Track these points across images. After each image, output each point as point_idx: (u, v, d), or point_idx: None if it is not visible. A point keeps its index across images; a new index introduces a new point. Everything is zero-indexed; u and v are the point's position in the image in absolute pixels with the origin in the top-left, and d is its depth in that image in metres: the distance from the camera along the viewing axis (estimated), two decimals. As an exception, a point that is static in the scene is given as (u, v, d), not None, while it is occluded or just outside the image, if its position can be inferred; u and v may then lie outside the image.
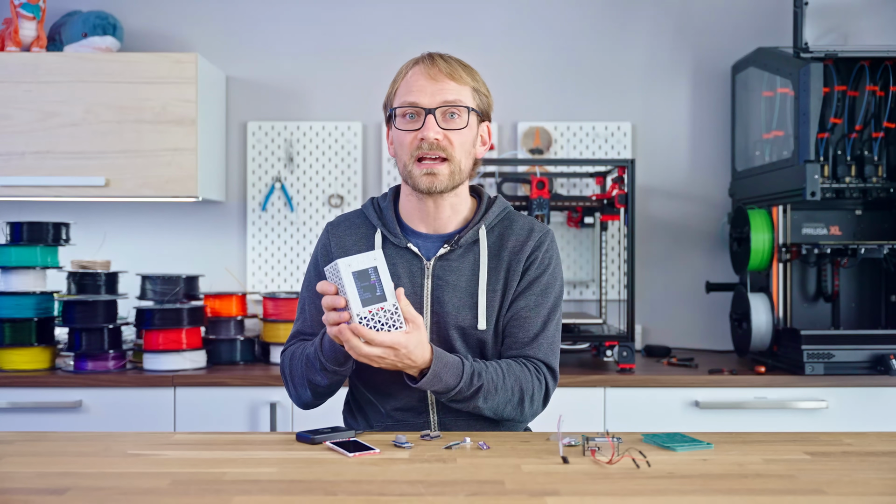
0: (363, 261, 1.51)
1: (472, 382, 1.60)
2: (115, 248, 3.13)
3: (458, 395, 1.61)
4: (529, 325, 1.71)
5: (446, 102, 1.66)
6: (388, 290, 1.51)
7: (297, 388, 1.72)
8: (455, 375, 1.59)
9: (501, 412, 1.66)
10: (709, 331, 3.20)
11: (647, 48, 3.24)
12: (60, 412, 2.56)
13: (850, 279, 2.81)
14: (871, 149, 2.75)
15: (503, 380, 1.64)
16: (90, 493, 1.26)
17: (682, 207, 3.23)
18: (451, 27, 3.22)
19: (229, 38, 3.22)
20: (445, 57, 1.71)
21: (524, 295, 1.72)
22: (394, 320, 1.52)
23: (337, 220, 1.83)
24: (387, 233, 1.74)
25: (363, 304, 1.49)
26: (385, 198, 1.79)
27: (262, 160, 3.20)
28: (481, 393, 1.62)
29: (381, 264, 1.52)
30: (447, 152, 1.67)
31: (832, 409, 2.55)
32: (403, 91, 1.69)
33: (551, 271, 1.74)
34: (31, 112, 2.82)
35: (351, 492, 1.25)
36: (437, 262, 1.71)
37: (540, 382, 1.69)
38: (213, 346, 2.80)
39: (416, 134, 1.66)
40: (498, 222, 1.77)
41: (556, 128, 3.20)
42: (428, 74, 1.67)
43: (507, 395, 1.65)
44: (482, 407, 1.63)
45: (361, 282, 1.50)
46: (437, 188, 1.67)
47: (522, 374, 1.67)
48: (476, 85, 1.71)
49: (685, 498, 1.23)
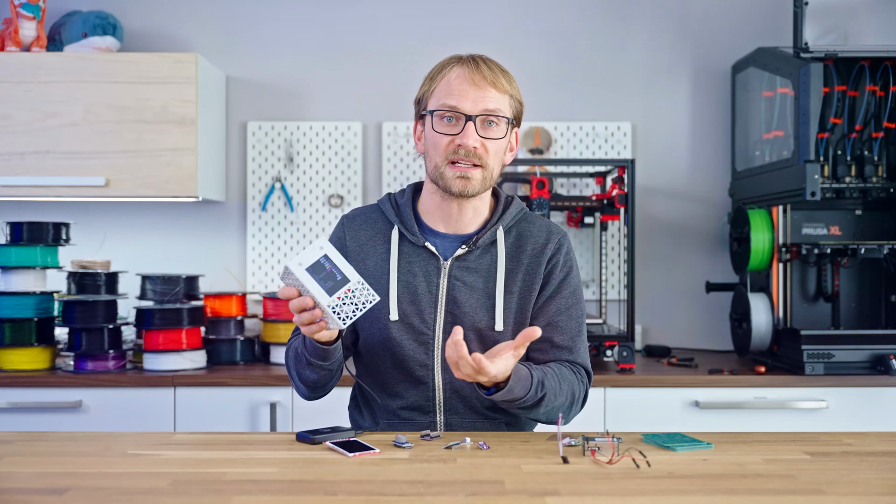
0: (311, 254, 1.49)
1: (537, 393, 1.60)
2: (115, 248, 3.14)
3: (522, 405, 1.60)
4: (566, 330, 1.72)
5: (488, 111, 1.64)
6: (347, 270, 1.50)
7: (294, 381, 1.73)
8: (524, 388, 1.58)
9: (553, 417, 1.66)
10: (709, 331, 3.20)
11: (647, 48, 3.23)
12: (60, 412, 2.56)
13: (850, 279, 2.81)
14: (871, 149, 2.75)
15: (559, 386, 1.65)
16: (90, 493, 1.26)
17: (682, 207, 3.23)
18: (451, 27, 3.22)
19: (229, 38, 3.22)
20: (489, 62, 1.68)
21: (555, 299, 1.72)
22: (364, 296, 1.50)
23: (353, 213, 1.80)
24: (404, 230, 1.73)
25: (329, 294, 1.48)
26: (403, 194, 1.77)
27: (262, 160, 3.20)
28: (544, 402, 1.62)
29: (329, 250, 1.50)
30: (482, 160, 1.65)
31: (832, 409, 2.55)
32: (443, 92, 1.66)
33: (575, 273, 1.76)
34: (31, 112, 2.82)
35: (351, 492, 1.25)
36: (454, 263, 1.70)
37: (583, 386, 1.72)
38: (213, 346, 2.80)
39: (454, 139, 1.64)
40: (515, 223, 1.76)
41: (556, 128, 3.20)
42: (472, 80, 1.64)
43: (562, 400, 1.66)
44: (540, 412, 1.64)
45: (318, 274, 1.48)
46: (469, 192, 1.66)
47: (573, 379, 1.69)
48: (513, 93, 1.69)
49: (685, 498, 1.23)
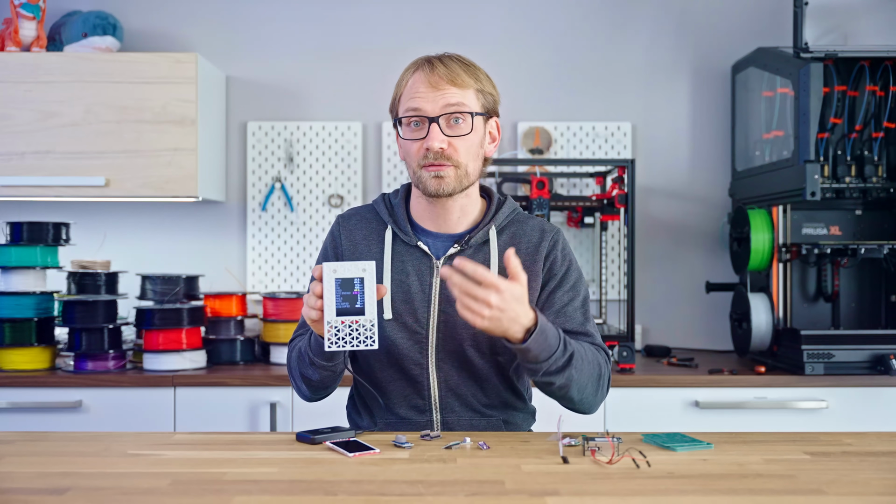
0: (350, 269, 1.46)
1: (566, 347, 1.55)
2: (115, 248, 3.14)
3: (555, 362, 1.54)
4: (574, 318, 1.70)
5: (449, 109, 1.64)
6: (370, 305, 1.46)
7: (296, 381, 1.73)
8: (555, 336, 1.53)
9: (584, 391, 1.60)
10: (709, 331, 3.20)
11: (647, 48, 3.23)
12: (60, 412, 2.56)
13: (850, 279, 2.81)
14: (871, 149, 2.75)
15: (585, 351, 1.60)
16: (90, 493, 1.26)
17: (682, 207, 3.23)
18: (451, 27, 3.22)
19: (229, 38, 3.22)
20: (445, 60, 1.67)
21: (558, 291, 1.71)
22: (365, 336, 1.47)
23: (348, 213, 1.81)
24: (397, 230, 1.74)
25: (338, 314, 1.46)
26: (396, 195, 1.79)
27: (262, 160, 3.20)
28: (574, 360, 1.56)
29: (368, 276, 1.47)
30: (453, 159, 1.65)
31: (832, 409, 2.55)
32: (406, 98, 1.67)
33: (575, 266, 1.75)
34: (31, 112, 2.82)
35: (351, 492, 1.25)
36: (446, 262, 1.70)
37: (607, 365, 1.68)
38: (213, 346, 2.80)
39: (422, 143, 1.65)
40: (508, 223, 1.76)
41: (556, 128, 3.20)
42: (428, 82, 1.64)
43: (591, 368, 1.61)
44: (574, 380, 1.57)
45: (344, 290, 1.46)
46: (444, 191, 1.66)
47: (595, 351, 1.65)
48: (480, 85, 1.68)
49: (685, 498, 1.23)
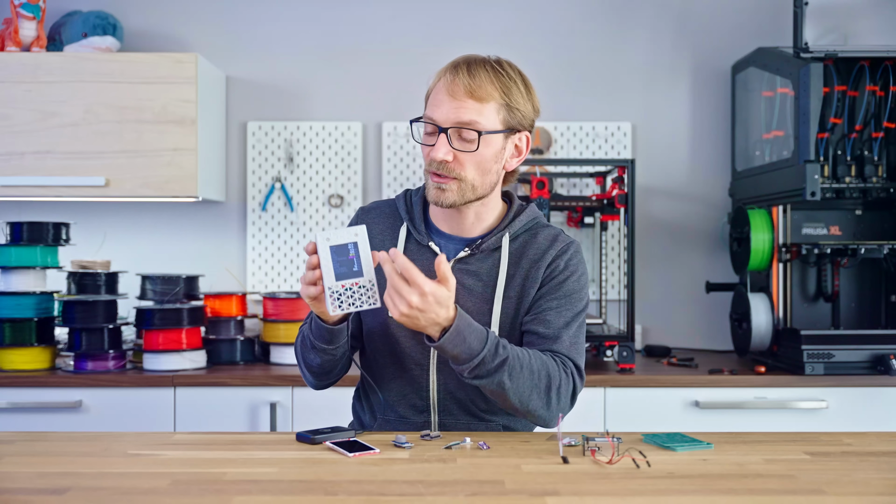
0: (342, 235, 1.49)
1: (496, 352, 1.51)
2: (115, 248, 3.14)
3: (481, 366, 1.50)
4: (551, 324, 1.64)
5: (459, 123, 1.59)
6: (367, 266, 1.49)
7: (302, 369, 1.73)
8: (479, 340, 1.50)
9: (528, 401, 1.55)
10: (709, 331, 3.20)
11: (647, 48, 3.23)
12: (60, 412, 2.56)
13: (850, 279, 2.81)
14: (871, 149, 2.75)
15: (529, 360, 1.55)
16: (90, 493, 1.25)
17: (682, 207, 3.23)
18: (452, 27, 3.21)
19: (229, 38, 3.22)
20: (473, 68, 1.60)
21: (546, 297, 1.66)
22: (367, 297, 1.49)
23: (370, 206, 1.81)
24: (412, 228, 1.73)
25: (337, 278, 1.48)
26: (417, 192, 1.76)
27: (262, 160, 3.20)
28: (506, 367, 1.51)
29: (361, 240, 1.49)
30: (456, 172, 1.61)
31: (832, 409, 2.55)
32: (429, 102, 1.64)
33: (576, 279, 1.68)
34: (31, 112, 2.81)
35: (351, 492, 1.25)
36: (455, 264, 1.68)
37: (567, 376, 1.60)
38: (213, 346, 2.80)
39: (430, 150, 1.63)
40: (524, 231, 1.72)
41: (556, 128, 3.20)
42: (449, 90, 1.59)
43: (533, 379, 1.54)
44: (507, 387, 1.52)
45: (339, 255, 1.48)
46: (444, 203, 1.63)
47: (549, 362, 1.58)
48: (507, 99, 1.61)
49: (685, 498, 1.23)
